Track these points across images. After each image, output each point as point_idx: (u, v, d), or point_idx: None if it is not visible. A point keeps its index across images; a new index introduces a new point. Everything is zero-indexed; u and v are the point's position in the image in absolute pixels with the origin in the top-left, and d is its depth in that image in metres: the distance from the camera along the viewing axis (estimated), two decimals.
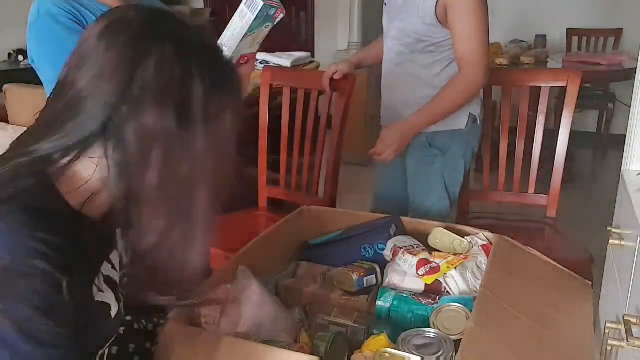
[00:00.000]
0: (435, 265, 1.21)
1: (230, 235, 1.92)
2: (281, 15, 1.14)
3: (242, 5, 1.13)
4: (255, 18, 1.11)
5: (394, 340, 1.02)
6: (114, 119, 0.71)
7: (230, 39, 1.13)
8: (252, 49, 1.17)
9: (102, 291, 0.81)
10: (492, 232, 1.35)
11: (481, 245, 1.32)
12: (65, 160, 0.73)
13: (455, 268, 1.21)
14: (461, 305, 1.08)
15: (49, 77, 1.34)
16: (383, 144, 1.69)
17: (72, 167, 0.74)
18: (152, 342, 1.11)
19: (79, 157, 0.73)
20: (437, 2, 1.59)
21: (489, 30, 1.63)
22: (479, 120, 1.80)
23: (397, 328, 1.10)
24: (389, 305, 1.15)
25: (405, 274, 1.24)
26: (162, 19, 0.77)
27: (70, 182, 0.74)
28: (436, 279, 1.20)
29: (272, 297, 1.17)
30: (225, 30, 1.14)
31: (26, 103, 2.78)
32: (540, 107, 1.94)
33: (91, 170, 0.74)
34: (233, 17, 1.13)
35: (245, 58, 1.18)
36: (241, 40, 1.13)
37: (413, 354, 0.96)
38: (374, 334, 1.07)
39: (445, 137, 1.77)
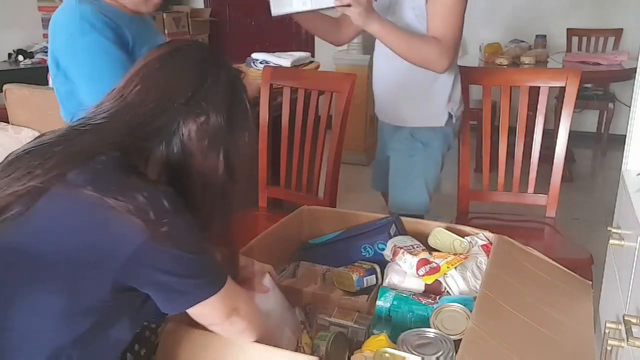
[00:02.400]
0: (435, 265, 1.21)
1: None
2: None
3: None
4: None
5: (394, 340, 1.02)
6: (179, 123, 0.90)
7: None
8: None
9: None
10: (492, 232, 1.36)
11: (481, 245, 1.32)
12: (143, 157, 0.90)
13: (455, 268, 1.21)
14: (461, 305, 1.08)
15: (90, 87, 1.42)
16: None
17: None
18: (140, 344, 1.10)
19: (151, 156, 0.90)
20: None
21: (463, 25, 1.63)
22: (454, 119, 1.83)
23: (397, 328, 1.10)
24: (389, 305, 1.15)
25: (405, 274, 1.24)
26: (212, 52, 0.99)
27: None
28: (436, 279, 1.20)
29: (280, 292, 1.18)
30: None
31: (26, 103, 2.78)
32: (539, 106, 1.94)
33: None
34: None
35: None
36: None
37: (413, 354, 0.96)
38: (374, 334, 1.07)
39: (426, 132, 1.81)
